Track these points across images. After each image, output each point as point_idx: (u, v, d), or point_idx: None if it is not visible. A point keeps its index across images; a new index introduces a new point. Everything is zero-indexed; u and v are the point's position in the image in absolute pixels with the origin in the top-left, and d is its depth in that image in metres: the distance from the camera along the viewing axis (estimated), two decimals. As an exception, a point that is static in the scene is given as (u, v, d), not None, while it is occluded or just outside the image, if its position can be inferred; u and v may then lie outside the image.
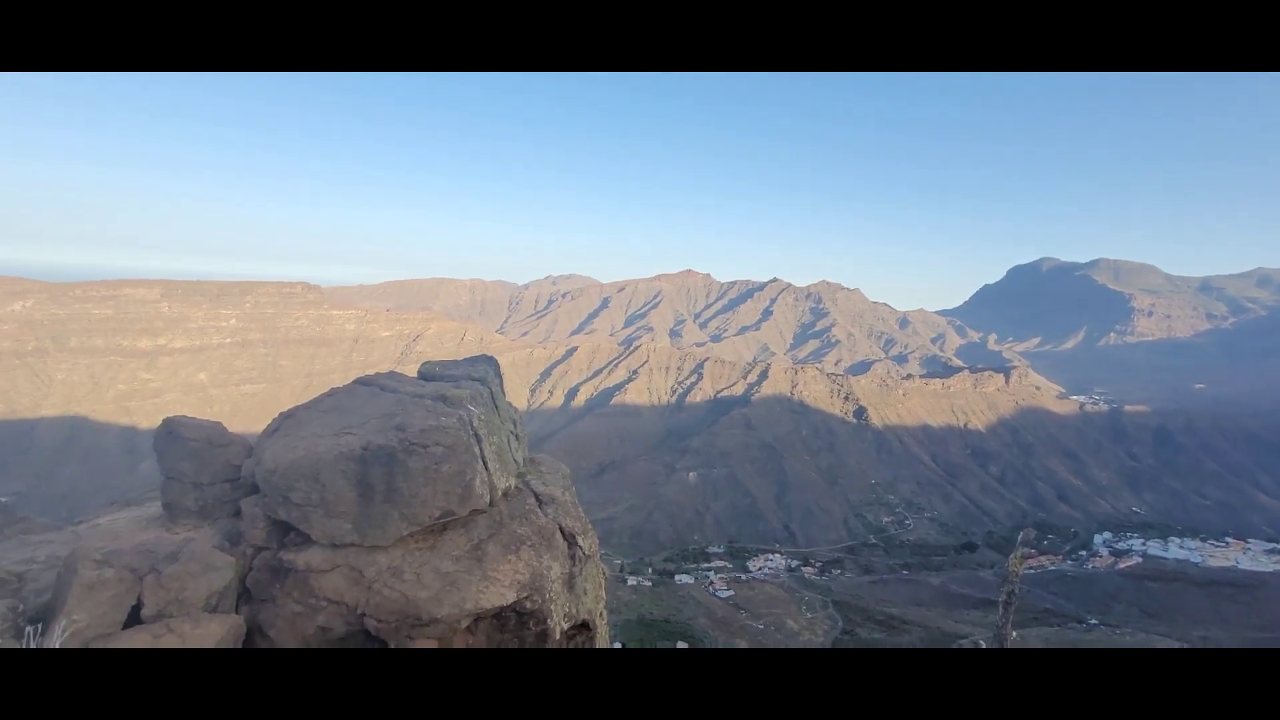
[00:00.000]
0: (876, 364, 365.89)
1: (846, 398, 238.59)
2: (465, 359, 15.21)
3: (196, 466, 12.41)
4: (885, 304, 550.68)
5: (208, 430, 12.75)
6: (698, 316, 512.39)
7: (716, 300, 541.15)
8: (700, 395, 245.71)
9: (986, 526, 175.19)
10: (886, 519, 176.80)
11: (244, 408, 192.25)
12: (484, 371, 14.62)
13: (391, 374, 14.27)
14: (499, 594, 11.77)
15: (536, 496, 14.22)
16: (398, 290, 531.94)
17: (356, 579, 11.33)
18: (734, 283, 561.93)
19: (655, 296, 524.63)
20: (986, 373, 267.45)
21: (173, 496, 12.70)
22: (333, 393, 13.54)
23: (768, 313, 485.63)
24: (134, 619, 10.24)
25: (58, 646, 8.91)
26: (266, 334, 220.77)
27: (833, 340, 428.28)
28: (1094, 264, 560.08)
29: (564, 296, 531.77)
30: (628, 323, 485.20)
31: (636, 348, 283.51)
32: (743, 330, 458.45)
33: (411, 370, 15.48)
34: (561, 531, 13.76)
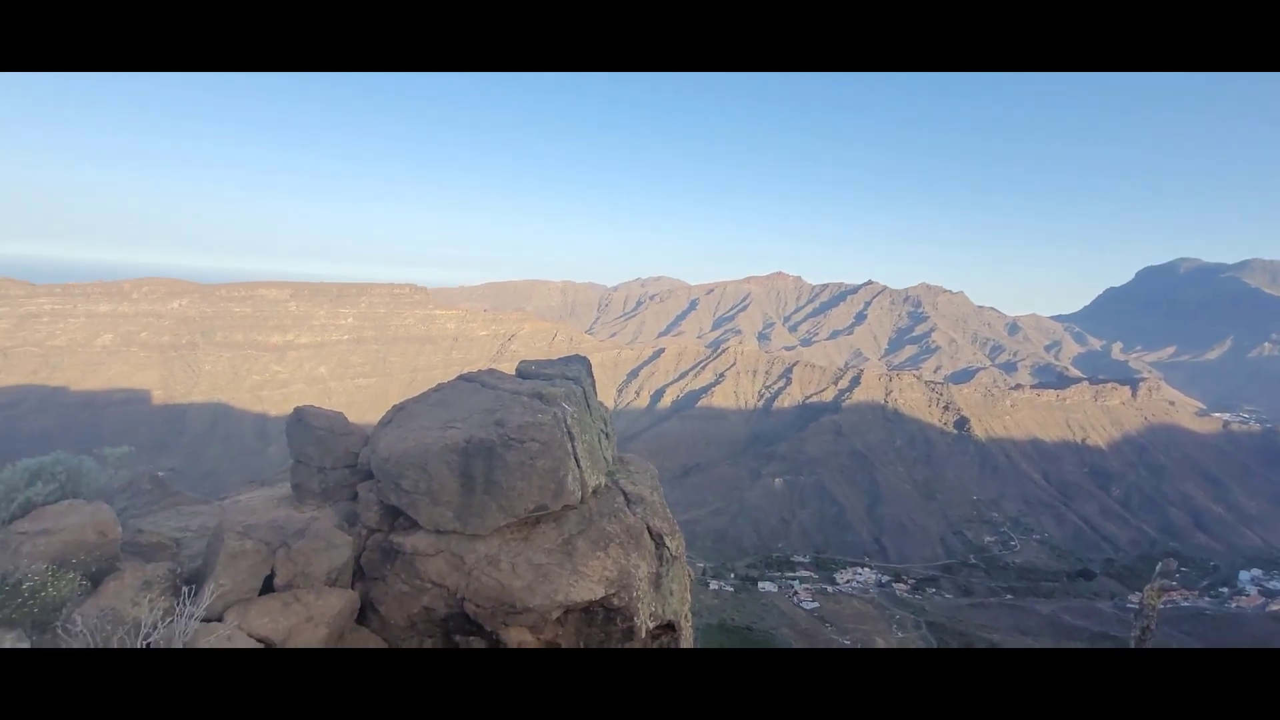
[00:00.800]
0: (981, 372, 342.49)
1: (946, 407, 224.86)
2: (560, 358, 15.72)
3: (321, 452, 13.60)
4: (992, 308, 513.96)
5: (331, 419, 13.95)
6: (787, 320, 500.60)
7: (807, 303, 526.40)
8: (788, 400, 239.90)
9: (1105, 553, 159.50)
10: (989, 538, 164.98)
11: (358, 399, 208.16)
12: (577, 371, 15.06)
13: (491, 371, 15.00)
14: (588, 589, 12.08)
15: (625, 495, 14.45)
16: (494, 291, 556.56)
17: (457, 564, 11.99)
18: (825, 285, 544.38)
19: (744, 299, 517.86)
20: (1109, 384, 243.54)
21: (300, 479, 13.99)
22: (439, 388, 14.42)
23: (861, 316, 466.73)
24: (267, 587, 11.40)
25: (206, 608, 10.04)
26: (378, 332, 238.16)
27: (932, 346, 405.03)
28: (1245, 265, 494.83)
29: (652, 298, 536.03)
30: (715, 325, 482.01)
31: (724, 350, 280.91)
32: (834, 334, 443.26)
33: (505, 367, 16.22)
34: (649, 531, 13.91)
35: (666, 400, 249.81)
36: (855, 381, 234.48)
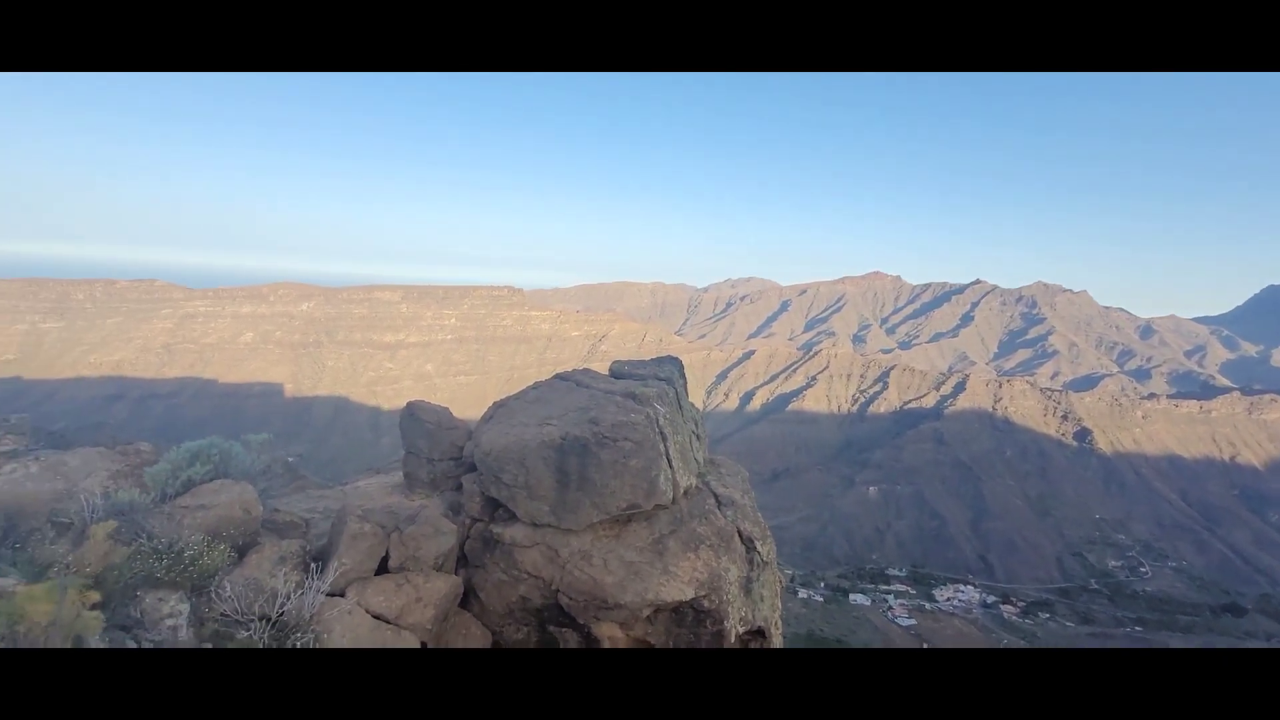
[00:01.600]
0: (1107, 379, 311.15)
1: (1065, 417, 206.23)
2: (652, 359, 15.90)
3: (429, 444, 14.52)
4: (1121, 309, 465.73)
5: (439, 414, 14.87)
6: (884, 321, 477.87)
7: (906, 304, 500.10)
8: (884, 405, 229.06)
9: (1260, 587, 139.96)
10: (1114, 563, 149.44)
11: (459, 396, 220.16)
12: (670, 372, 15.16)
13: (586, 371, 15.40)
14: (678, 589, 12.14)
15: (716, 497, 14.39)
16: (587, 293, 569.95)
17: (552, 557, 12.42)
18: (927, 285, 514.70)
19: (838, 300, 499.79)
20: (1267, 396, 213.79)
21: (411, 468, 15.00)
22: (536, 386, 14.99)
23: (967, 318, 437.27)
24: (382, 568, 12.31)
25: (330, 583, 10.99)
26: (478, 332, 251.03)
27: (1049, 350, 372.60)
28: None
29: (742, 299, 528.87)
30: (808, 327, 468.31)
31: (816, 353, 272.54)
32: (936, 337, 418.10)
33: (596, 367, 16.61)
34: (740, 535, 13.77)
35: (756, 403, 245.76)
36: (960, 387, 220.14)
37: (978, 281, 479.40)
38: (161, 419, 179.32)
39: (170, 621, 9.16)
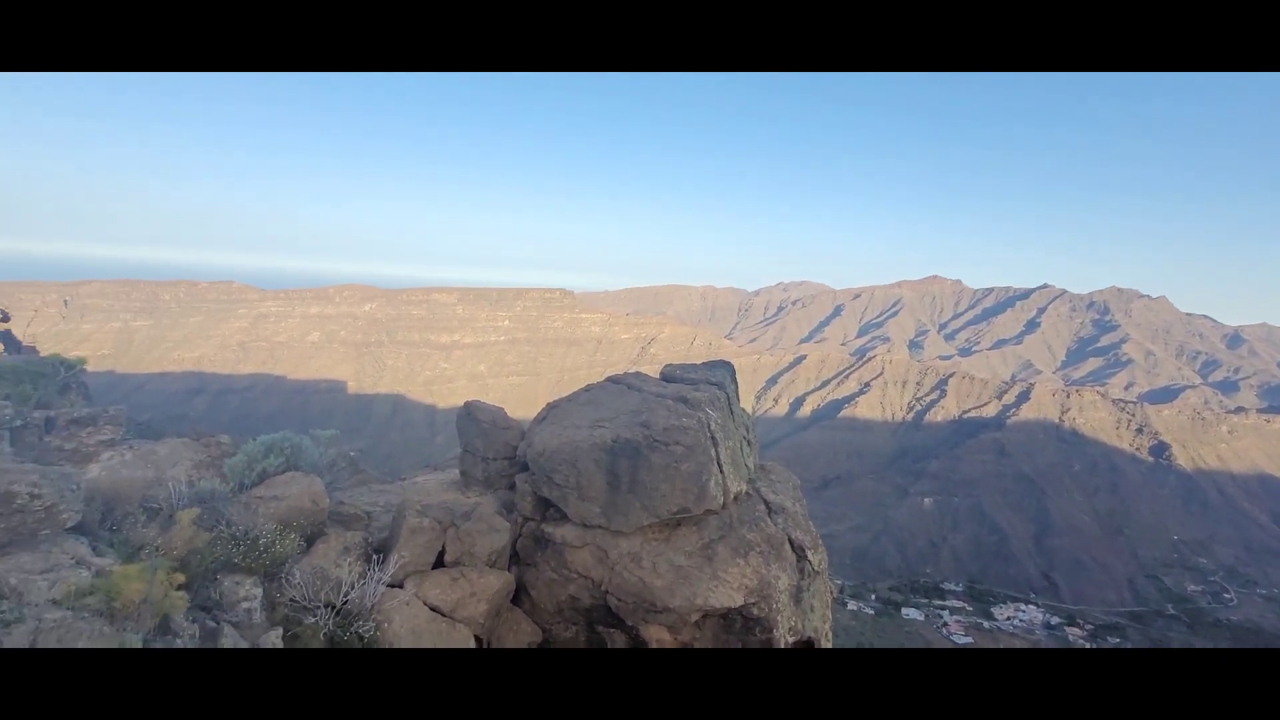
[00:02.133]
0: (1188, 391, 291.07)
1: (1140, 430, 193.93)
2: (704, 363, 15.87)
3: (485, 443, 14.92)
4: (1205, 316, 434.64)
5: (494, 414, 15.26)
6: (943, 327, 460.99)
7: (967, 309, 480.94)
8: (942, 414, 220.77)
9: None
10: (1194, 587, 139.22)
11: (511, 396, 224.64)
12: (721, 376, 15.11)
13: (637, 374, 15.51)
14: (727, 595, 12.08)
15: (766, 504, 14.25)
16: (637, 296, 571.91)
17: (602, 558, 12.56)
18: (990, 289, 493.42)
19: (894, 304, 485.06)
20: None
21: (467, 466, 15.44)
22: (589, 388, 15.19)
23: (1033, 324, 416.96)
24: (438, 562, 12.73)
25: (390, 575, 11.44)
26: (530, 334, 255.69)
27: (1122, 359, 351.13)
28: None
29: (794, 303, 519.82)
30: (861, 332, 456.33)
31: (870, 358, 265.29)
32: (999, 344, 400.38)
33: (645, 369, 16.68)
34: (791, 543, 13.59)
35: (806, 409, 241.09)
36: (1024, 396, 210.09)
37: (1045, 286, 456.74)
38: (236, 412, 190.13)
39: (246, 605, 9.72)
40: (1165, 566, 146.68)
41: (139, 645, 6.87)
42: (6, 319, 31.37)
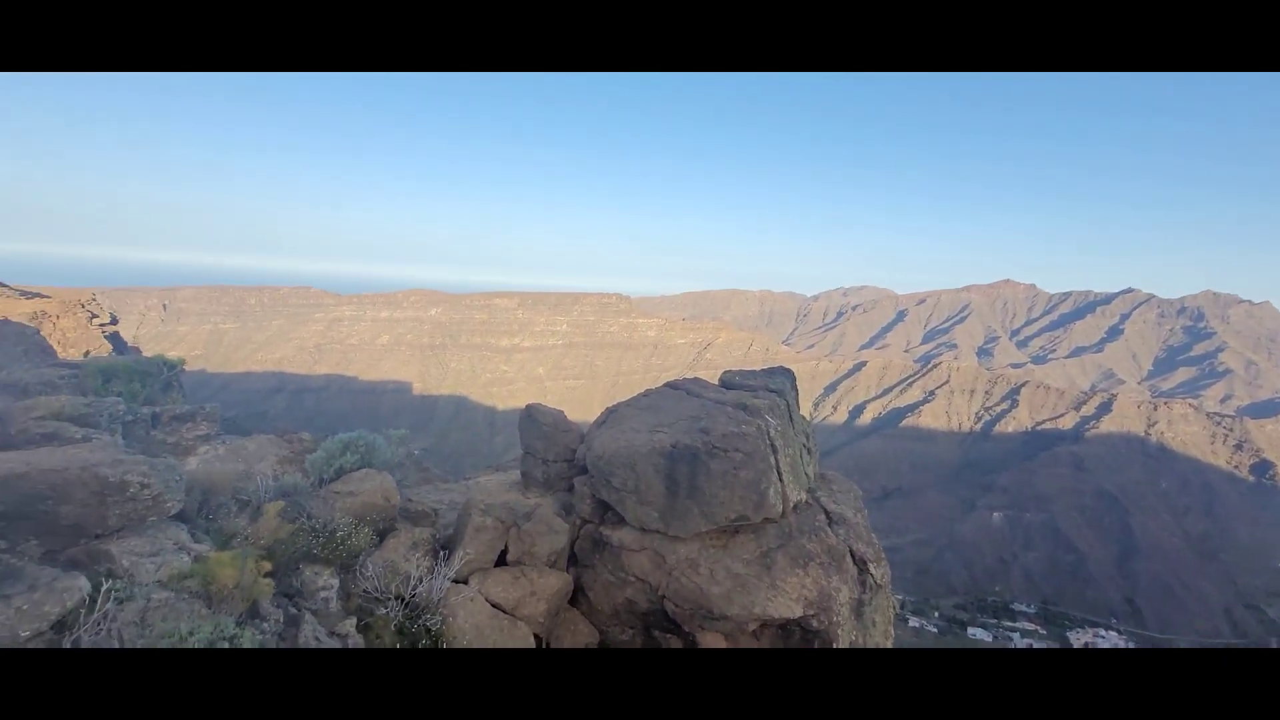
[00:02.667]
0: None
1: (1239, 446, 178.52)
2: (763, 370, 15.72)
3: (545, 445, 15.25)
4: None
5: (554, 417, 15.58)
6: (1015, 334, 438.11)
7: (1041, 315, 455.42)
8: (1013, 425, 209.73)
9: None
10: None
11: (568, 399, 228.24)
12: (781, 383, 14.94)
13: (696, 380, 15.52)
14: (786, 605, 11.90)
15: (827, 514, 13.97)
16: (693, 301, 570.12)
17: (659, 563, 12.62)
18: (1067, 294, 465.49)
19: (961, 310, 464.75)
20: None
21: (528, 467, 15.82)
22: (648, 393, 15.31)
23: (1115, 331, 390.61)
24: (500, 560, 13.10)
25: (456, 571, 11.85)
26: (587, 338, 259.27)
27: (1218, 369, 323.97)
28: None
29: (854, 309, 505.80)
30: (926, 338, 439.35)
31: (935, 366, 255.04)
32: (1077, 352, 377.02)
33: (701, 374, 16.66)
34: (852, 555, 13.27)
35: (866, 417, 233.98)
36: (1105, 407, 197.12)
37: (1129, 290, 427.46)
38: (312, 410, 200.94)
39: (324, 594, 10.30)
40: (1268, 595, 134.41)
41: (232, 627, 7.39)
42: (115, 321, 34.25)
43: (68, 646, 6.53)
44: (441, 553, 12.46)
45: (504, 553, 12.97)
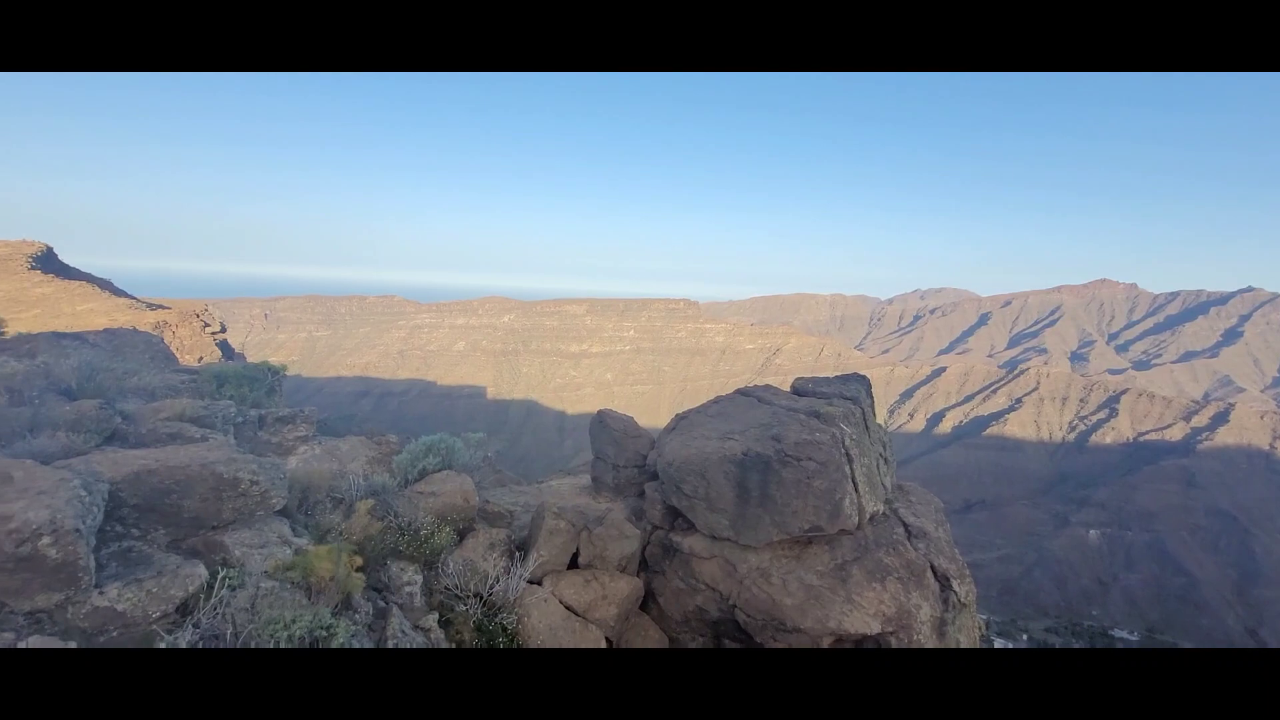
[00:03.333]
0: None
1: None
2: (837, 376, 15.35)
3: (616, 451, 15.46)
4: None
5: (625, 422, 15.78)
6: (1114, 338, 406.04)
7: (1145, 317, 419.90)
8: (1111, 436, 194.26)
9: None
10: None
11: (635, 404, 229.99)
12: (856, 391, 14.53)
13: (768, 387, 15.33)
14: (862, 620, 11.54)
15: (905, 527, 13.45)
16: (762, 306, 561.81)
17: (730, 571, 12.52)
18: (1175, 294, 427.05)
19: (1052, 312, 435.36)
20: None
21: (598, 472, 16.08)
22: (718, 400, 15.26)
23: (1233, 334, 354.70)
24: (572, 563, 13.37)
25: (529, 573, 12.19)
26: (654, 343, 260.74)
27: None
28: None
29: (932, 312, 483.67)
30: (1012, 343, 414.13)
31: (1023, 372, 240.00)
32: (1187, 357, 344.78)
33: (770, 380, 16.41)
34: (933, 570, 12.72)
35: (946, 425, 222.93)
36: (1221, 418, 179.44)
37: (1250, 289, 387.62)
38: (394, 413, 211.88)
39: (409, 589, 10.83)
40: None
41: (329, 617, 7.90)
42: (224, 330, 37.37)
43: (190, 628, 7.17)
44: (516, 554, 12.85)
45: (575, 556, 13.23)
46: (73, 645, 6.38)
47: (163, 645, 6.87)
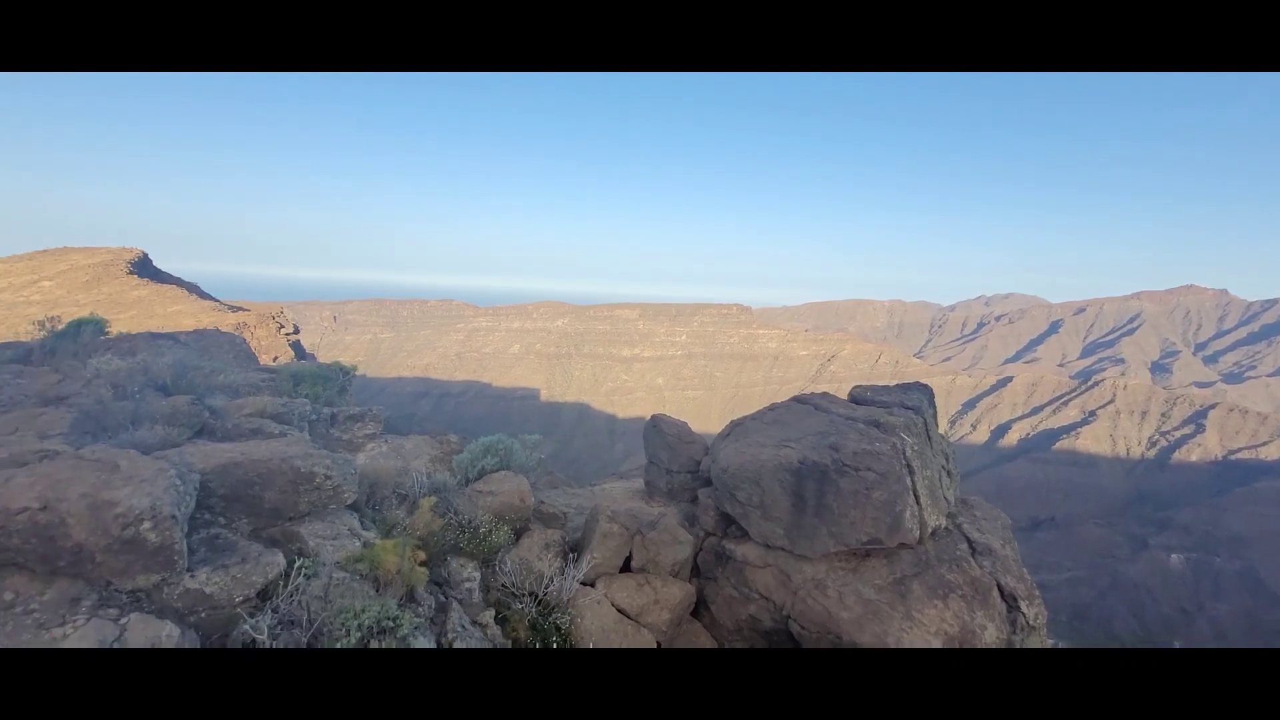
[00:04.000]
0: None
1: None
2: (898, 385, 14.94)
3: (669, 455, 15.50)
4: None
5: (679, 428, 15.80)
6: (1201, 348, 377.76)
7: (1237, 325, 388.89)
8: (1197, 453, 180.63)
9: None
10: None
11: (686, 409, 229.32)
12: (918, 400, 14.10)
13: (825, 395, 15.06)
14: (923, 638, 11.16)
15: (970, 543, 12.95)
16: (816, 311, 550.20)
17: (784, 581, 12.34)
18: (1271, 301, 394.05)
19: (1131, 320, 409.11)
20: None
21: (651, 476, 16.15)
22: (773, 407, 15.08)
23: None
24: (625, 566, 13.47)
25: (583, 574, 12.35)
26: (706, 349, 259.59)
27: None
28: None
29: (998, 319, 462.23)
30: (1086, 352, 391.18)
31: (1098, 383, 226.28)
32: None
33: (824, 387, 16.08)
34: (1000, 589, 12.19)
35: (1012, 437, 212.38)
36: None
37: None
38: (452, 414, 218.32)
39: (468, 585, 11.15)
40: None
41: (395, 609, 8.23)
42: (297, 331, 39.38)
43: (270, 613, 7.61)
44: (570, 555, 13.05)
45: (628, 559, 13.32)
46: (169, 625, 6.88)
47: (246, 627, 7.33)
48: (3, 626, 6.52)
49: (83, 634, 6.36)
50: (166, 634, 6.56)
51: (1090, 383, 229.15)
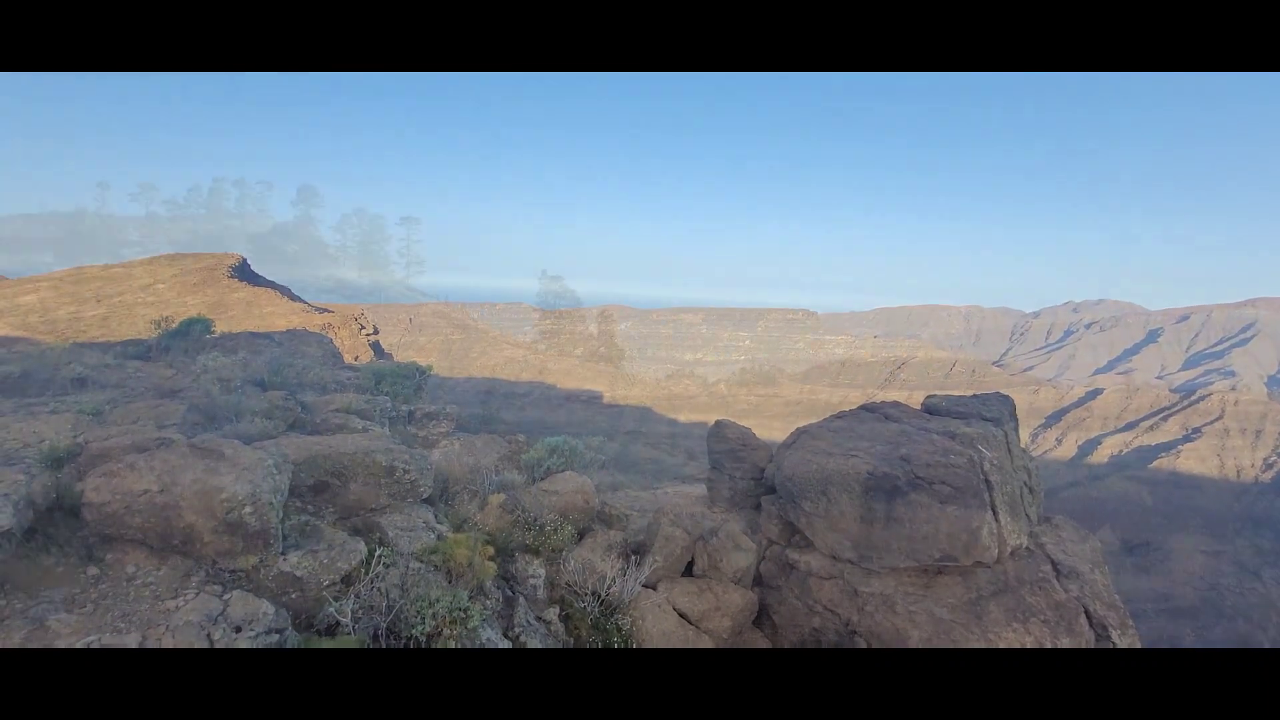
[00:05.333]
0: None
1: None
2: (976, 395, 14.28)
3: (733, 462, 15.40)
4: None
5: (743, 434, 15.68)
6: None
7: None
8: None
9: None
10: None
11: (750, 416, 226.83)
12: (998, 411, 13.44)
13: (895, 404, 14.58)
14: (1000, 662, 10.62)
15: (1054, 565, 12.22)
16: (887, 317, 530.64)
17: (851, 595, 12.03)
18: None
19: (1244, 329, 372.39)
20: None
21: (714, 482, 16.08)
22: (841, 415, 14.73)
23: None
24: (686, 571, 13.47)
25: (645, 577, 12.43)
26: (770, 354, 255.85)
27: None
28: None
29: (1087, 327, 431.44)
30: (1189, 363, 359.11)
31: (1204, 397, 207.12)
32: None
33: (893, 395, 15.54)
34: (1088, 616, 11.44)
35: (1103, 453, 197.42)
36: None
37: None
38: (517, 414, 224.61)
39: (533, 581, 11.46)
40: None
41: (466, 600, 8.56)
42: (376, 332, 41.42)
43: (353, 598, 8.07)
44: (632, 557, 13.14)
45: (690, 564, 13.31)
46: (265, 604, 7.42)
47: (331, 609, 7.82)
48: (125, 595, 7.24)
49: (193, 607, 6.96)
50: (263, 611, 7.08)
51: (1195, 396, 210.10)
